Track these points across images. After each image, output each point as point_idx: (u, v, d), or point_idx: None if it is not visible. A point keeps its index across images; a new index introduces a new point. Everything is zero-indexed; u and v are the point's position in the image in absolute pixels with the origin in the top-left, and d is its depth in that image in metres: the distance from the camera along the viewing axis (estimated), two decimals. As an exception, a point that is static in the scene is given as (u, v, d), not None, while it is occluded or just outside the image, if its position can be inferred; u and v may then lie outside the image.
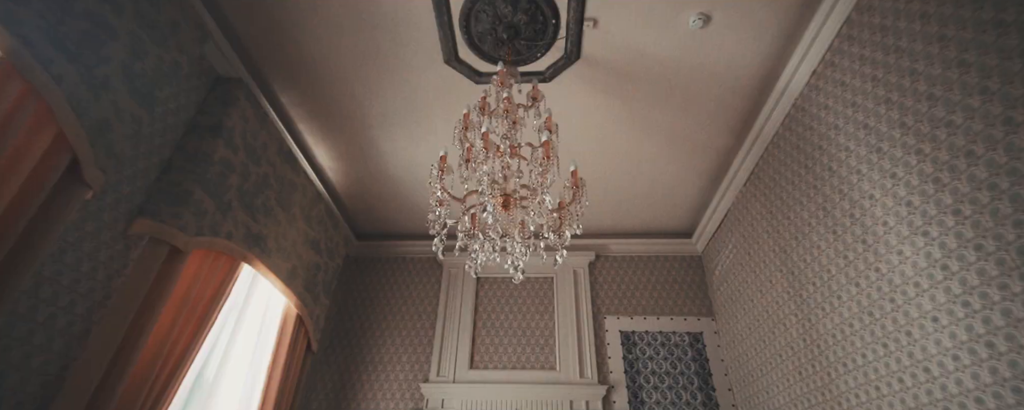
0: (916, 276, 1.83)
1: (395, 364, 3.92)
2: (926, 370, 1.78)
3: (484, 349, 3.97)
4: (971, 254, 1.58)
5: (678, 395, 3.65)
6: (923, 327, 1.80)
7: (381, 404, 3.72)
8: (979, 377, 1.55)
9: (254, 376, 2.92)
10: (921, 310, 1.81)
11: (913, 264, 1.84)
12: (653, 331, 3.97)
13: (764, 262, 3.11)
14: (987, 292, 1.53)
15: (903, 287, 1.90)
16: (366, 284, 4.38)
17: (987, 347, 1.53)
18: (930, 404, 1.75)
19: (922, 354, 1.80)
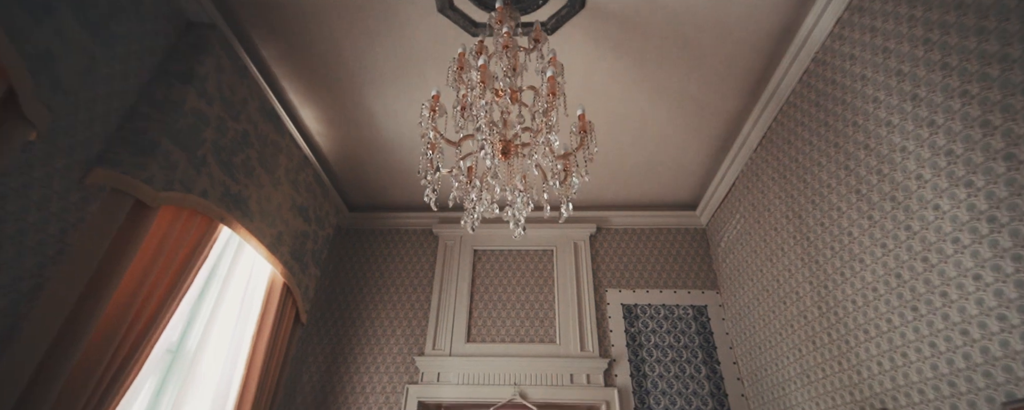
0: (955, 232, 1.67)
1: (389, 338, 3.78)
2: (964, 333, 1.63)
3: (482, 322, 3.84)
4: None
5: (682, 368, 3.53)
6: (962, 287, 1.64)
7: (375, 378, 3.60)
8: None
9: (237, 346, 2.77)
10: (960, 268, 1.65)
11: (952, 219, 1.68)
12: (656, 304, 3.83)
13: (775, 230, 2.95)
14: (1043, 243, 1.36)
15: (938, 245, 1.73)
16: (359, 256, 4.22)
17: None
18: (968, 369, 1.60)
19: (959, 316, 1.65)
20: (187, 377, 2.69)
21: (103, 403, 1.82)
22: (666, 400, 3.40)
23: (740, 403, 3.36)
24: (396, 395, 3.51)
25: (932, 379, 1.77)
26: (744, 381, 3.42)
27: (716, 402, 3.37)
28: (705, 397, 3.40)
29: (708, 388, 3.43)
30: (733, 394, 3.40)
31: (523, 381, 3.51)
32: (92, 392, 1.77)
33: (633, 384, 3.48)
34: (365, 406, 3.47)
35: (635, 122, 3.25)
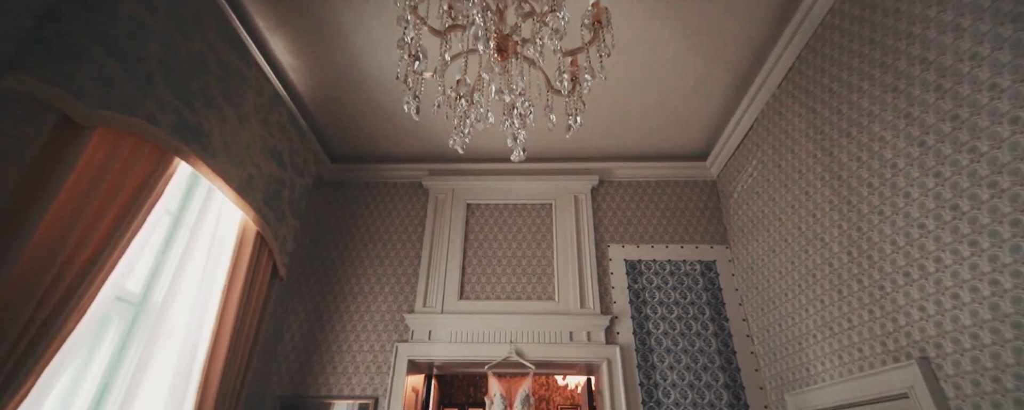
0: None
1: (377, 295, 3.54)
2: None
3: (475, 279, 3.60)
4: None
5: (688, 325, 3.33)
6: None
7: (361, 336, 3.38)
8: None
9: (207, 299, 2.51)
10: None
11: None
12: (661, 260, 3.61)
13: (799, 172, 2.68)
14: None
15: (1014, 165, 1.47)
16: (343, 210, 3.93)
17: None
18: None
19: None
20: (154, 332, 2.44)
21: (34, 352, 1.56)
22: (671, 358, 3.22)
23: (749, 361, 3.18)
24: (385, 354, 3.30)
25: (990, 322, 1.54)
26: (754, 338, 3.23)
27: (724, 360, 3.19)
28: (712, 355, 3.22)
29: (715, 346, 3.25)
30: (742, 352, 3.22)
31: (519, 339, 3.31)
32: (17, 340, 1.51)
33: (636, 342, 3.29)
34: (351, 366, 3.27)
35: (646, 58, 2.91)
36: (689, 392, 3.09)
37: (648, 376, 3.16)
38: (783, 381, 2.85)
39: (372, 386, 3.19)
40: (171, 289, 2.49)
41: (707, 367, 3.17)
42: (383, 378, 3.21)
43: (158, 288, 2.55)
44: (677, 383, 3.12)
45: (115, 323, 2.36)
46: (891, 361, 1.98)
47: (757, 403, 3.03)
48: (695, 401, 3.06)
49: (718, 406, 3.03)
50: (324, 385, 3.20)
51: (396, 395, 3.13)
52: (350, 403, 3.11)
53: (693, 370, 3.16)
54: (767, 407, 3.01)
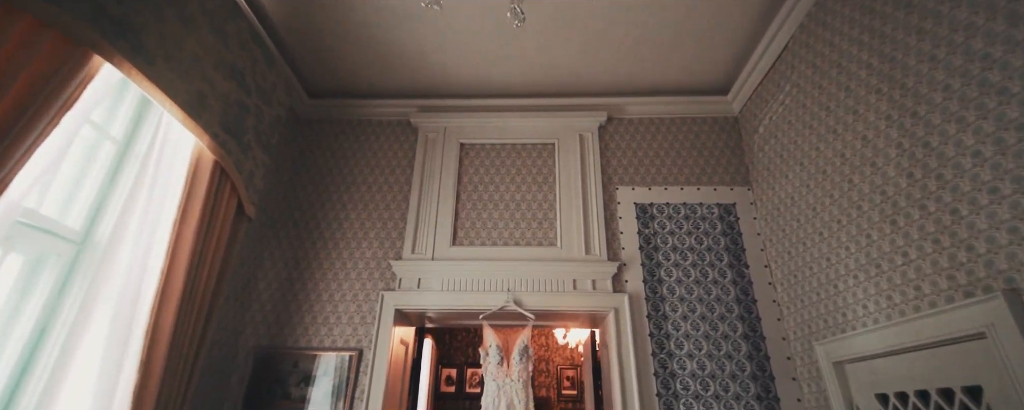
0: None
1: (361, 240, 3.21)
2: None
3: (470, 224, 3.26)
4: None
5: (703, 273, 3.02)
6: None
7: (344, 284, 3.07)
8: None
9: (152, 233, 2.16)
10: None
11: None
12: (675, 203, 3.25)
13: (847, 89, 2.28)
14: None
15: None
16: (323, 150, 3.55)
17: None
18: None
19: None
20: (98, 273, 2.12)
21: None
22: (685, 307, 2.92)
23: (771, 310, 2.88)
24: (370, 303, 3.00)
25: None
26: (777, 285, 2.92)
27: (743, 309, 2.90)
28: (730, 303, 2.91)
29: (734, 294, 2.94)
30: (763, 300, 2.91)
31: (517, 288, 3.00)
32: None
33: (646, 290, 2.98)
34: (333, 316, 2.97)
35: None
36: (704, 343, 2.81)
37: (659, 326, 2.87)
38: (810, 330, 2.56)
39: (356, 337, 2.91)
40: (119, 226, 2.15)
41: (724, 317, 2.88)
42: (367, 329, 2.93)
43: (103, 225, 2.22)
44: (691, 334, 2.84)
45: (52, 263, 2.03)
46: (961, 297, 1.65)
47: (779, 354, 2.75)
48: (710, 352, 2.78)
49: (736, 358, 2.76)
50: (303, 336, 2.91)
51: (382, 347, 2.85)
52: (331, 355, 2.84)
53: (709, 320, 2.87)
54: (790, 358, 2.73)
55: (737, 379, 2.70)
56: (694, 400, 2.66)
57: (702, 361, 2.76)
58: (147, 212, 2.18)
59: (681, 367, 2.75)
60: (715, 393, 2.67)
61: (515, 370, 2.68)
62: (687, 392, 2.68)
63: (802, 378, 2.64)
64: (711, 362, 2.76)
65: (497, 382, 2.65)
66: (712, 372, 2.73)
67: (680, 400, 2.67)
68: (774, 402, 2.63)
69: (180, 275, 2.16)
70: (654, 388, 2.70)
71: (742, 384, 2.69)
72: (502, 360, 2.71)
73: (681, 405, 2.65)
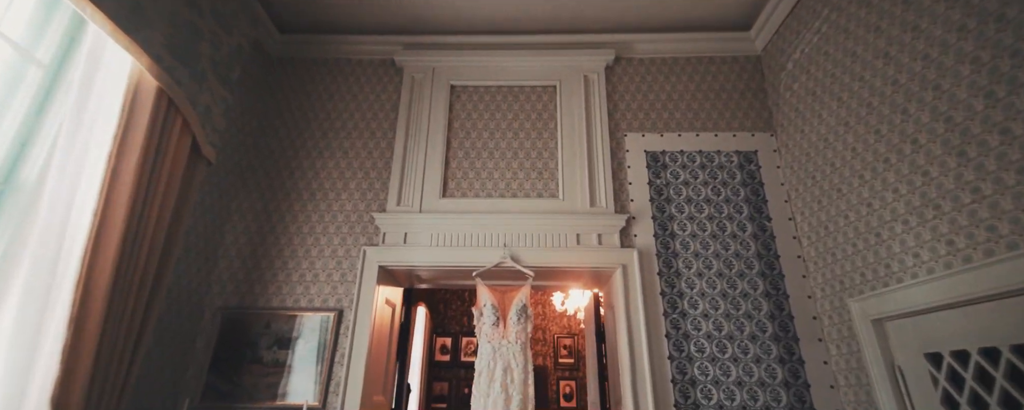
0: None
1: (340, 192, 2.88)
2: None
3: (462, 174, 2.93)
4: None
5: (721, 226, 2.72)
6: None
7: (322, 239, 2.76)
8: None
9: (81, 167, 1.82)
10: None
11: None
12: (690, 151, 2.93)
13: (906, 2, 1.93)
14: None
15: None
16: (297, 92, 3.17)
17: None
18: None
19: None
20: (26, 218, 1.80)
21: None
22: (700, 263, 2.64)
23: (795, 266, 2.61)
24: (350, 260, 2.70)
25: None
26: (802, 239, 2.64)
27: (764, 265, 2.62)
28: (750, 259, 2.63)
29: (754, 249, 2.66)
30: (786, 255, 2.63)
31: (515, 243, 2.70)
32: None
33: (657, 245, 2.69)
34: (310, 273, 2.67)
35: None
36: (721, 302, 2.54)
37: (671, 284, 2.59)
38: (843, 285, 2.29)
39: (335, 297, 2.62)
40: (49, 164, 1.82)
41: (743, 274, 2.60)
42: (348, 288, 2.63)
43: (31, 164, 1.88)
44: (707, 292, 2.57)
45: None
46: (1057, 235, 1.35)
47: (804, 313, 2.49)
48: (728, 311, 2.51)
49: (756, 317, 2.50)
50: (276, 295, 2.62)
51: (364, 307, 2.56)
52: (309, 316, 2.55)
53: (726, 277, 2.60)
54: (816, 318, 2.47)
55: (757, 341, 2.45)
56: (710, 363, 2.41)
57: (719, 321, 2.50)
58: (78, 145, 1.84)
59: (695, 328, 2.49)
60: (733, 355, 2.42)
61: (512, 331, 2.42)
62: (702, 355, 2.43)
63: (830, 339, 2.39)
64: (729, 322, 2.49)
65: (492, 344, 2.39)
66: (730, 333, 2.47)
67: (694, 363, 2.42)
68: (798, 365, 2.38)
69: (119, 218, 1.84)
70: (666, 351, 2.44)
71: (763, 346, 2.43)
72: (498, 321, 2.44)
73: (695, 368, 2.41)
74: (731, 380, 2.37)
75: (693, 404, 2.33)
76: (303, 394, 2.39)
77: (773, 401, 2.32)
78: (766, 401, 2.32)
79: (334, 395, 2.40)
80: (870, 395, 2.07)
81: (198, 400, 2.36)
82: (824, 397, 2.30)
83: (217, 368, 2.43)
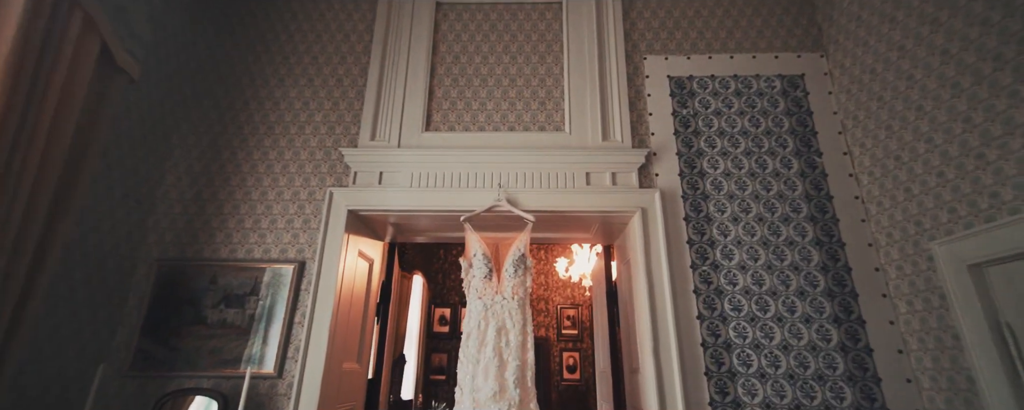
0: None
1: (304, 124, 2.41)
2: None
3: (448, 105, 2.45)
4: None
5: (760, 163, 2.25)
6: None
7: (281, 179, 2.30)
8: None
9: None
10: None
11: None
12: (723, 75, 2.44)
13: None
14: None
15: None
16: (253, 8, 2.66)
17: None
18: None
19: None
20: None
21: None
22: (735, 206, 2.18)
23: (852, 208, 2.15)
24: (314, 203, 2.25)
25: None
26: (862, 176, 2.17)
27: (814, 208, 2.16)
28: (796, 201, 2.17)
29: (802, 188, 2.20)
30: (841, 196, 2.17)
31: (512, 183, 2.25)
32: None
33: (683, 185, 2.23)
34: (265, 219, 2.23)
35: None
36: (761, 251, 2.09)
37: (700, 231, 2.14)
38: (921, 227, 1.83)
39: (296, 246, 2.18)
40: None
41: (788, 218, 2.14)
42: (312, 236, 2.19)
43: None
44: (743, 240, 2.12)
45: None
46: None
47: (864, 264, 2.04)
48: (770, 263, 2.07)
49: (804, 269, 2.05)
50: (225, 244, 2.18)
51: (330, 258, 2.12)
52: (263, 268, 2.12)
53: (767, 223, 2.14)
54: (879, 269, 2.03)
55: (806, 296, 2.01)
56: (748, 323, 1.98)
57: (759, 274, 2.06)
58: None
59: (730, 282, 2.05)
60: (777, 314, 1.99)
61: (508, 285, 1.99)
62: (739, 314, 2.00)
63: (898, 294, 1.94)
64: (771, 275, 2.05)
65: (484, 301, 1.96)
66: (772, 288, 2.03)
67: (729, 323, 1.99)
68: (858, 325, 1.95)
69: (-21, 127, 1.37)
70: (694, 309, 2.01)
71: (813, 303, 2.00)
72: (490, 273, 2.01)
73: (730, 330, 1.98)
74: (775, 344, 1.95)
75: (728, 371, 1.92)
76: (256, 360, 1.98)
77: (828, 368, 1.89)
78: (818, 369, 1.90)
79: (293, 362, 1.99)
80: (957, 361, 1.64)
81: (127, 368, 1.95)
82: (891, 363, 1.88)
83: (151, 331, 2.02)
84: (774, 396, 1.87)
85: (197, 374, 1.97)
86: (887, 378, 1.85)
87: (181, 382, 1.96)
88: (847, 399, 1.84)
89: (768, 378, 1.89)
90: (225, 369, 1.97)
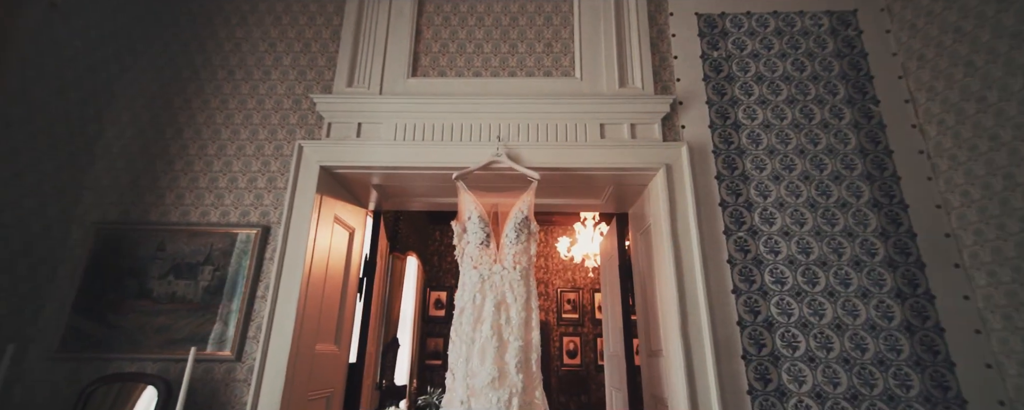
0: None
1: (269, 69, 2.07)
2: None
3: (439, 47, 2.10)
4: None
5: (807, 112, 1.92)
6: None
7: (241, 131, 1.96)
8: None
9: None
10: None
11: None
12: (761, 12, 2.08)
13: None
14: None
15: None
16: (210, -62, 2.29)
17: None
18: None
19: None
20: None
21: None
22: (776, 163, 1.85)
23: (916, 164, 1.81)
24: (281, 159, 1.92)
25: None
26: (929, 127, 1.83)
27: (871, 164, 1.83)
28: (849, 156, 1.84)
29: (856, 142, 1.86)
30: (903, 150, 1.83)
31: (512, 136, 1.91)
32: None
33: (715, 139, 1.90)
34: (224, 176, 1.90)
35: None
36: (808, 214, 1.77)
37: (735, 191, 1.82)
38: (1014, 181, 1.50)
39: (260, 209, 1.85)
40: None
41: (840, 176, 1.81)
42: (278, 196, 1.87)
43: None
44: (787, 202, 1.79)
45: None
46: None
47: (931, 229, 1.72)
48: (818, 228, 1.75)
49: (860, 235, 1.73)
50: (176, 206, 1.85)
51: (299, 222, 1.80)
52: (220, 234, 1.80)
53: (815, 181, 1.81)
54: (950, 235, 1.70)
55: (863, 267, 1.69)
56: (793, 298, 1.67)
57: (805, 241, 1.73)
58: None
59: (772, 250, 1.73)
60: (828, 288, 1.67)
61: (508, 253, 1.67)
62: (781, 287, 1.68)
63: (977, 263, 1.62)
64: (820, 243, 1.73)
65: (480, 271, 1.64)
66: (822, 257, 1.71)
67: (770, 299, 1.67)
68: (925, 300, 1.64)
69: None
70: (729, 282, 1.70)
71: (872, 274, 1.68)
72: (487, 239, 1.69)
73: (772, 306, 1.66)
74: (826, 322, 1.63)
75: (770, 354, 1.61)
76: (210, 340, 1.67)
77: (890, 351, 1.58)
78: (879, 352, 1.59)
79: (255, 342, 1.68)
80: (1061, 341, 1.33)
81: (56, 349, 1.64)
82: (967, 346, 1.57)
83: (87, 306, 1.70)
84: (825, 384, 1.56)
85: (140, 356, 1.66)
86: (962, 363, 1.55)
87: (122, 365, 1.65)
88: (914, 387, 1.54)
89: (818, 363, 1.59)
90: (175, 350, 1.66)
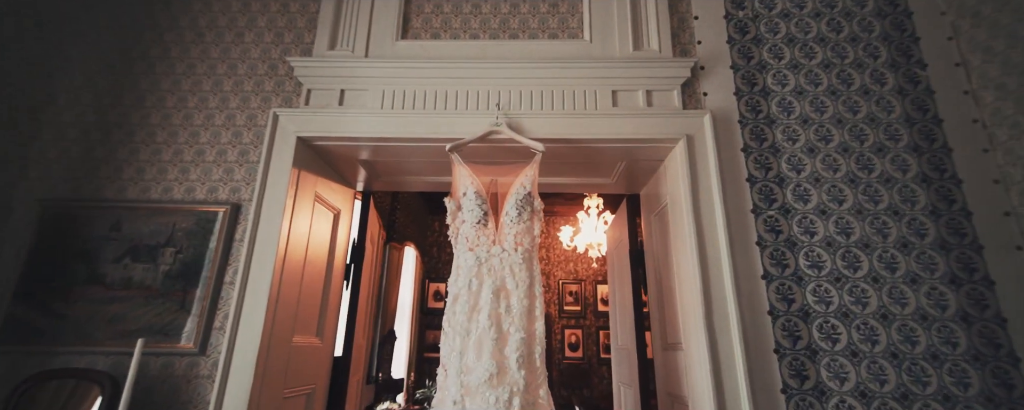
0: None
1: (242, 30, 1.85)
2: None
3: (431, 6, 1.88)
4: None
5: (845, 78, 1.70)
6: None
7: (210, 99, 1.75)
8: None
9: None
10: None
11: None
12: (791, -33, 1.86)
13: None
14: None
15: None
16: None
17: None
18: None
19: None
20: None
21: None
22: (811, 133, 1.64)
23: (970, 134, 1.60)
24: (254, 129, 1.71)
25: None
26: (984, 92, 1.62)
27: (918, 134, 1.62)
28: (893, 126, 1.63)
29: (900, 110, 1.65)
30: (954, 119, 1.63)
31: (514, 104, 1.70)
32: None
33: (741, 107, 1.69)
34: (189, 148, 1.69)
35: None
36: (847, 190, 1.56)
37: (764, 165, 1.61)
38: (1089, 150, 1.30)
39: (230, 185, 1.65)
40: None
41: (884, 148, 1.61)
42: (250, 171, 1.66)
43: None
44: (823, 177, 1.59)
45: None
46: None
47: (989, 207, 1.52)
48: (860, 206, 1.54)
49: (907, 214, 1.53)
50: (134, 181, 1.65)
51: (273, 199, 1.59)
52: (185, 213, 1.59)
53: (855, 154, 1.61)
54: (1011, 213, 1.50)
55: (911, 250, 1.49)
56: (832, 285, 1.47)
57: (845, 221, 1.53)
58: None
59: (807, 231, 1.53)
60: (872, 273, 1.47)
61: (508, 234, 1.46)
62: (819, 272, 1.48)
63: (1043, 244, 1.43)
64: (862, 222, 1.53)
65: (477, 253, 1.44)
66: (865, 239, 1.51)
67: (806, 285, 1.47)
68: (983, 287, 1.44)
69: None
70: (758, 267, 1.50)
71: (922, 258, 1.48)
72: (485, 217, 1.48)
73: (808, 294, 1.46)
74: (870, 312, 1.43)
75: (806, 348, 1.41)
76: (168, 331, 1.47)
77: (944, 344, 1.39)
78: (932, 345, 1.39)
79: (220, 333, 1.48)
80: None
81: (-7, 340, 1.45)
82: (1035, 338, 1.37)
83: (29, 292, 1.50)
84: (871, 381, 1.36)
85: (90, 349, 1.46)
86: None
87: (69, 359, 1.45)
88: (974, 386, 1.34)
89: (862, 358, 1.39)
90: (130, 343, 1.46)
